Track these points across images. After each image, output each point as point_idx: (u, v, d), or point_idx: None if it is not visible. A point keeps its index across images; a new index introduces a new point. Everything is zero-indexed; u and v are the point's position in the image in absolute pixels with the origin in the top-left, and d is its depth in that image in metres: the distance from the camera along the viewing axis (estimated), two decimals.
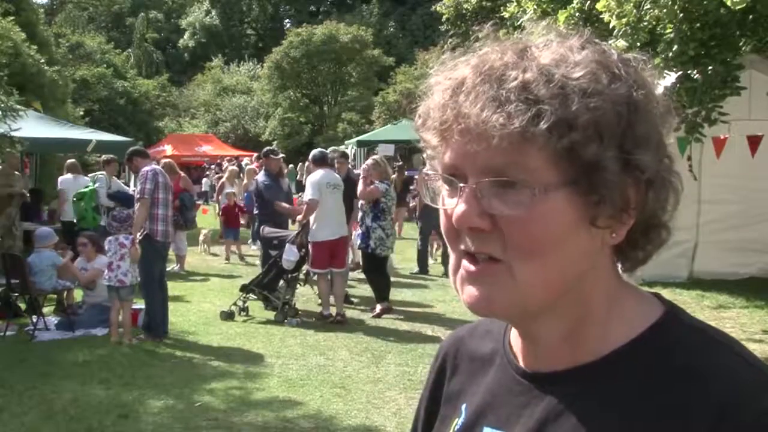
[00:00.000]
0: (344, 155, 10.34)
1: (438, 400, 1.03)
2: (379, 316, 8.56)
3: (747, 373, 0.78)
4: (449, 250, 0.85)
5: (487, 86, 0.78)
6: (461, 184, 0.80)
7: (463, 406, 0.97)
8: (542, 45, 0.81)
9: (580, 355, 0.85)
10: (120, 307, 7.44)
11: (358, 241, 8.94)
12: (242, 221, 14.35)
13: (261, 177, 9.64)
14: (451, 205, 0.81)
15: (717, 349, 0.81)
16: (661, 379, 0.80)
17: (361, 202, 8.88)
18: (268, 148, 10.91)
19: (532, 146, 0.76)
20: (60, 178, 11.78)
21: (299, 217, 8.70)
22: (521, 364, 0.91)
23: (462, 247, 0.82)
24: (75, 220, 10.88)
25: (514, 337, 0.93)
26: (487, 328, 1.01)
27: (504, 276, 0.80)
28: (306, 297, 9.36)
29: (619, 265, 0.87)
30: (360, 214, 8.97)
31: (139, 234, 7.52)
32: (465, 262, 0.82)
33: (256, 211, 9.85)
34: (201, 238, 14.04)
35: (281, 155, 10.38)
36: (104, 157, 11.81)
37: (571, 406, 0.83)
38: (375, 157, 9.78)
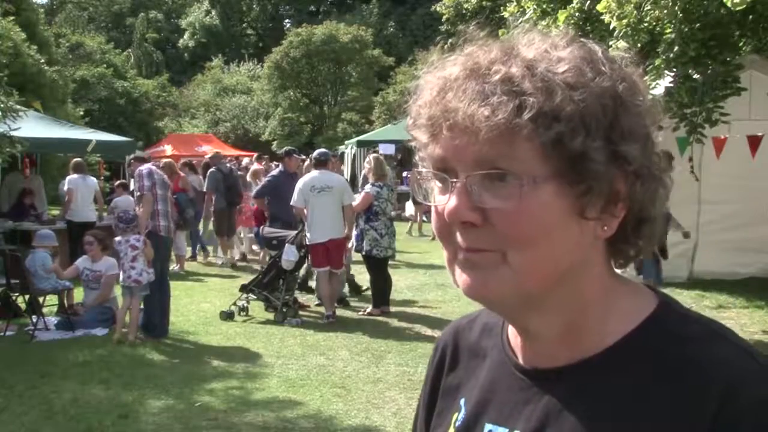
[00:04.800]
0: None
1: (436, 395, 1.03)
2: (369, 314, 8.62)
3: (746, 362, 0.79)
4: (442, 246, 0.85)
5: (472, 82, 0.79)
6: (452, 180, 0.81)
7: (462, 401, 0.97)
8: (527, 42, 0.82)
9: (578, 351, 0.85)
10: (130, 305, 7.43)
11: (355, 243, 8.95)
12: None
13: (275, 174, 9.71)
14: (443, 201, 0.82)
15: (715, 339, 0.82)
16: (660, 370, 0.80)
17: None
18: (288, 148, 10.93)
19: (519, 138, 0.77)
20: (68, 178, 11.74)
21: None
22: (520, 360, 0.91)
23: (455, 242, 0.82)
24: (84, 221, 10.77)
25: (512, 333, 0.93)
26: (485, 321, 1.01)
27: (497, 262, 0.80)
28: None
29: (613, 263, 0.88)
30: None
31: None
32: (459, 253, 0.83)
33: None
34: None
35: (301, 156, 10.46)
36: None
37: (572, 402, 0.83)
38: (371, 156, 9.80)
